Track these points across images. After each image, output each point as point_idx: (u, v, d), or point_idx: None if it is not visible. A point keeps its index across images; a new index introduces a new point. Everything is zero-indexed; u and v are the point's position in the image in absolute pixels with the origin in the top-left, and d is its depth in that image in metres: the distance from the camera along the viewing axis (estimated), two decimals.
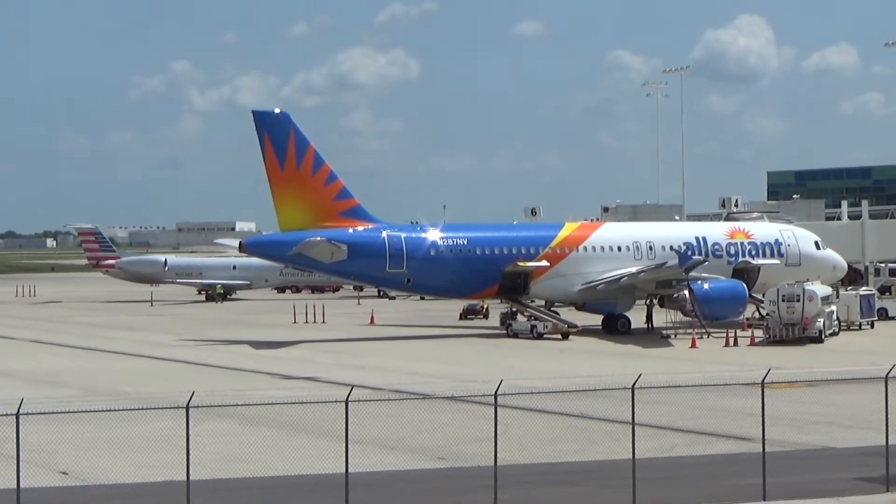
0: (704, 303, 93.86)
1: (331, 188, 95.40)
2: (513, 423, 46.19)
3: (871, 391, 44.82)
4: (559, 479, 39.67)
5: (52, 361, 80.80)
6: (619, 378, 46.15)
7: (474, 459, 41.09)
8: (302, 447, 43.29)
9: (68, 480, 39.79)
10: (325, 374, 71.10)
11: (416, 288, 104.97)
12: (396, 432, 46.82)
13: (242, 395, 58.65)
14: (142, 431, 45.51)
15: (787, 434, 46.36)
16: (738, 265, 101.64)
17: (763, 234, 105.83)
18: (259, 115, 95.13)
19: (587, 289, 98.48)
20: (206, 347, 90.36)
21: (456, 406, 52.50)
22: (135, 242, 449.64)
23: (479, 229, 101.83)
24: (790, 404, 53.48)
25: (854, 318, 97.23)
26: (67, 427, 40.72)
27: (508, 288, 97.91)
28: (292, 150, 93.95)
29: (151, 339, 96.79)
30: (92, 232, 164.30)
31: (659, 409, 48.15)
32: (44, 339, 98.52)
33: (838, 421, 50.94)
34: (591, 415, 49.29)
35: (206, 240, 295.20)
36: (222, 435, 45.76)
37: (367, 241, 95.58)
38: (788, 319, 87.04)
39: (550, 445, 45.56)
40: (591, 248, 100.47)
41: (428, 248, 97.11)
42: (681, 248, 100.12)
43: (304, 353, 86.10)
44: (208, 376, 70.84)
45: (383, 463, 40.97)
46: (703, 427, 48.88)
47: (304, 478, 39.43)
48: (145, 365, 79.09)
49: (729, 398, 52.52)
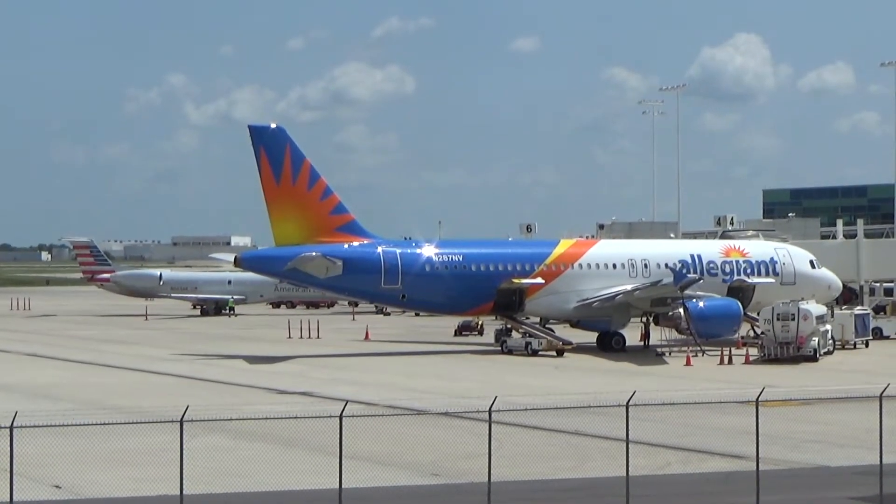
0: (699, 321, 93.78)
1: (326, 203, 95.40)
2: (507, 439, 46.21)
3: (866, 410, 44.85)
4: (553, 495, 39.64)
5: (46, 375, 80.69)
6: (613, 395, 46.18)
7: (468, 475, 41.06)
8: (296, 462, 43.26)
9: (62, 494, 39.70)
10: (319, 389, 71.06)
11: (411, 304, 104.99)
12: (390, 448, 46.77)
13: (236, 410, 58.51)
14: (136, 445, 45.46)
15: (782, 452, 46.32)
16: (733, 283, 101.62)
17: (758, 253, 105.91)
18: (255, 130, 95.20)
19: (582, 306, 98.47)
20: (200, 362, 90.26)
21: (450, 422, 52.48)
22: (130, 256, 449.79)
23: (475, 245, 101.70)
24: (785, 423, 53.46)
25: (849, 337, 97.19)
26: (61, 440, 40.68)
27: (503, 305, 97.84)
28: (288, 164, 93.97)
29: (146, 353, 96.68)
30: (87, 245, 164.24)
31: (653, 427, 48.10)
32: (38, 352, 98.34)
33: (832, 439, 50.93)
34: (585, 432, 49.32)
35: (202, 254, 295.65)
36: (216, 449, 45.69)
37: (362, 256, 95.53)
38: (783, 338, 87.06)
39: (544, 462, 45.53)
40: (587, 266, 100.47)
41: (423, 264, 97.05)
42: (676, 265, 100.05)
43: (298, 368, 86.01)
44: (203, 391, 70.79)
45: (377, 478, 40.96)
46: (698, 445, 48.86)
47: (298, 493, 39.39)
48: (139, 379, 79.04)
49: (723, 416, 52.55)
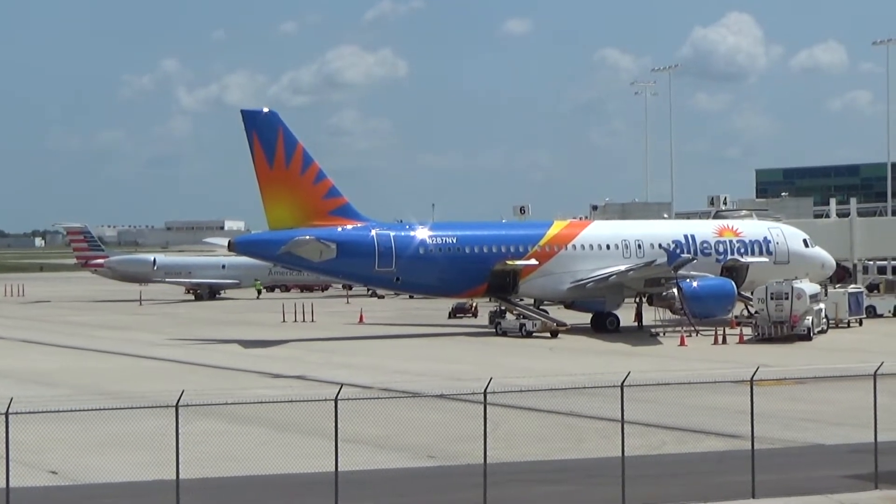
0: (693, 301, 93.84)
1: (319, 187, 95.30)
2: (502, 421, 46.27)
3: (860, 388, 44.88)
4: (549, 476, 39.69)
5: (40, 361, 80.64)
6: (608, 376, 46.18)
7: (464, 458, 41.10)
8: (291, 446, 43.31)
9: (58, 480, 39.75)
10: (314, 372, 71.06)
11: (406, 287, 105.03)
12: (386, 431, 46.81)
13: (232, 394, 58.56)
14: (131, 430, 45.45)
15: (777, 431, 46.41)
16: (726, 263, 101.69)
17: (752, 232, 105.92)
18: (247, 115, 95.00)
19: (576, 287, 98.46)
20: (195, 346, 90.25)
21: (445, 404, 52.51)
22: (123, 241, 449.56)
23: (468, 228, 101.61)
24: (779, 402, 53.59)
25: (842, 315, 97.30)
26: (57, 426, 40.65)
27: (497, 286, 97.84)
28: (281, 148, 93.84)
29: (140, 339, 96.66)
30: (81, 231, 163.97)
31: (648, 407, 48.18)
32: (33, 338, 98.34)
33: (827, 418, 51.02)
34: (580, 412, 49.36)
35: (195, 239, 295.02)
36: (212, 434, 45.74)
37: (356, 239, 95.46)
38: (777, 317, 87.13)
39: (540, 443, 45.60)
40: (580, 247, 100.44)
41: (417, 246, 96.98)
42: (669, 246, 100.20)
43: (293, 351, 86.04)
44: (198, 375, 70.78)
45: (373, 461, 40.99)
46: (692, 424, 48.93)
47: (294, 476, 39.41)
48: (134, 364, 79.00)
49: (718, 395, 52.61)
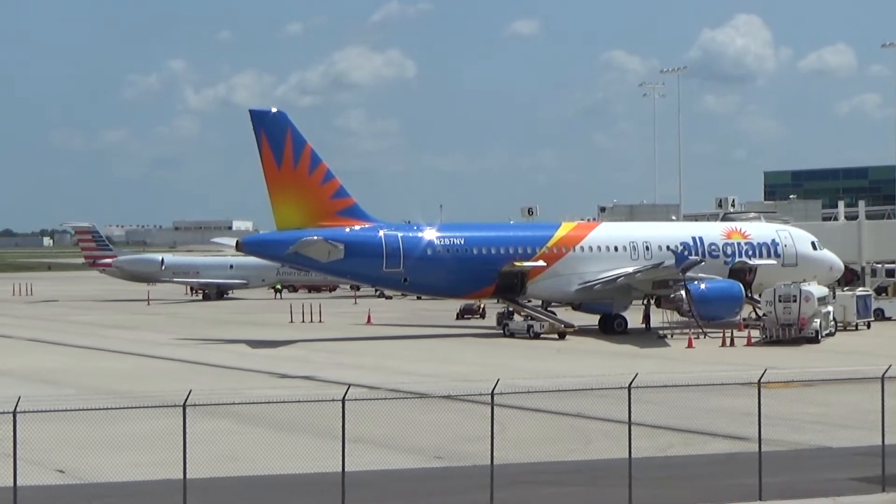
0: (701, 303, 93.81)
1: (327, 187, 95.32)
2: (509, 422, 46.25)
3: (868, 391, 44.88)
4: (556, 478, 39.67)
5: (48, 360, 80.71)
6: (615, 377, 46.13)
7: (471, 459, 41.08)
8: (298, 446, 43.31)
9: (65, 478, 39.79)
10: (321, 373, 71.08)
11: (413, 287, 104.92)
12: (393, 431, 46.78)
13: (239, 394, 58.63)
14: (139, 430, 45.48)
15: (784, 434, 46.38)
16: (734, 265, 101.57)
17: (760, 235, 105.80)
18: (256, 115, 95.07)
19: (584, 289, 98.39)
20: (202, 346, 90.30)
21: (452, 405, 52.52)
22: (131, 241, 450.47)
23: (476, 229, 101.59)
24: (786, 404, 53.52)
25: (850, 318, 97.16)
26: (64, 425, 40.71)
27: (505, 288, 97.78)
28: (289, 149, 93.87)
29: (148, 338, 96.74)
30: (89, 230, 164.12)
31: (655, 409, 48.16)
32: (40, 337, 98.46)
33: (835, 421, 50.97)
34: (587, 414, 49.34)
35: (203, 239, 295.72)
36: (219, 434, 45.75)
37: (363, 240, 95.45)
38: (785, 320, 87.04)
39: (547, 445, 45.59)
40: (588, 248, 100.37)
41: (425, 247, 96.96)
42: (677, 248, 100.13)
43: (300, 352, 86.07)
44: (205, 375, 70.84)
45: (380, 462, 40.97)
46: (700, 427, 48.90)
47: (301, 477, 39.45)
48: (142, 363, 79.05)
49: (725, 398, 52.57)
